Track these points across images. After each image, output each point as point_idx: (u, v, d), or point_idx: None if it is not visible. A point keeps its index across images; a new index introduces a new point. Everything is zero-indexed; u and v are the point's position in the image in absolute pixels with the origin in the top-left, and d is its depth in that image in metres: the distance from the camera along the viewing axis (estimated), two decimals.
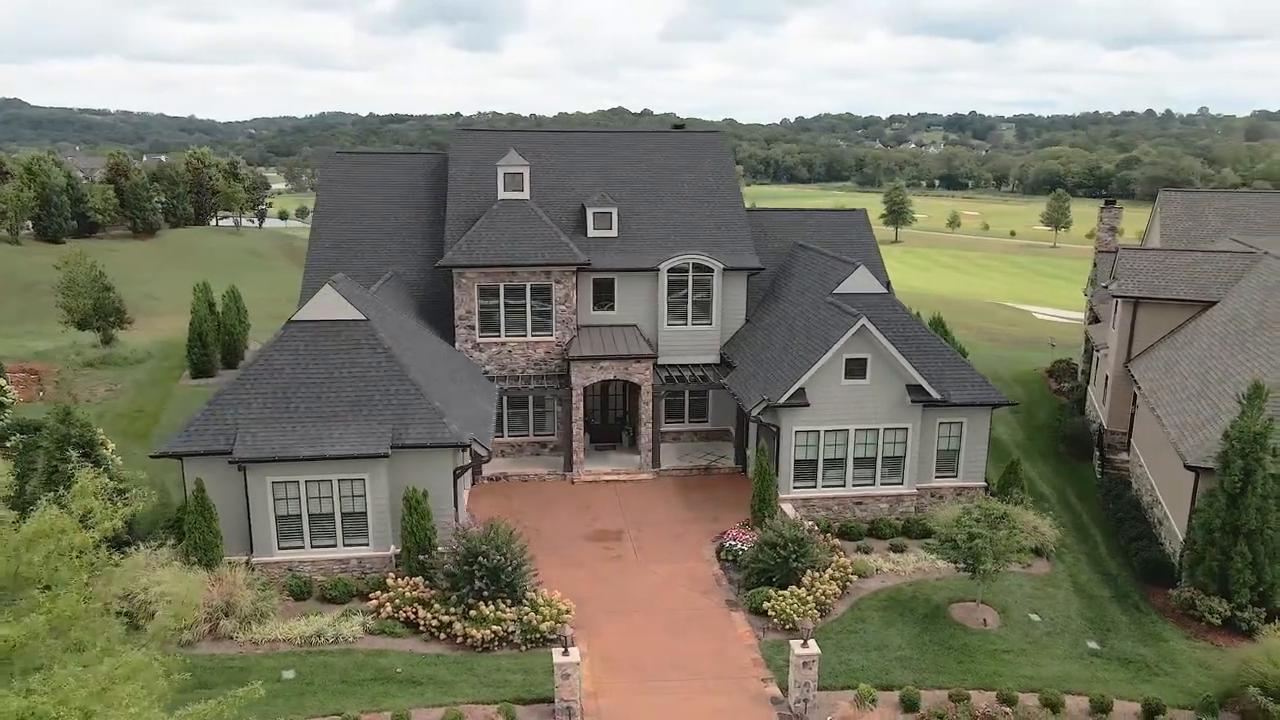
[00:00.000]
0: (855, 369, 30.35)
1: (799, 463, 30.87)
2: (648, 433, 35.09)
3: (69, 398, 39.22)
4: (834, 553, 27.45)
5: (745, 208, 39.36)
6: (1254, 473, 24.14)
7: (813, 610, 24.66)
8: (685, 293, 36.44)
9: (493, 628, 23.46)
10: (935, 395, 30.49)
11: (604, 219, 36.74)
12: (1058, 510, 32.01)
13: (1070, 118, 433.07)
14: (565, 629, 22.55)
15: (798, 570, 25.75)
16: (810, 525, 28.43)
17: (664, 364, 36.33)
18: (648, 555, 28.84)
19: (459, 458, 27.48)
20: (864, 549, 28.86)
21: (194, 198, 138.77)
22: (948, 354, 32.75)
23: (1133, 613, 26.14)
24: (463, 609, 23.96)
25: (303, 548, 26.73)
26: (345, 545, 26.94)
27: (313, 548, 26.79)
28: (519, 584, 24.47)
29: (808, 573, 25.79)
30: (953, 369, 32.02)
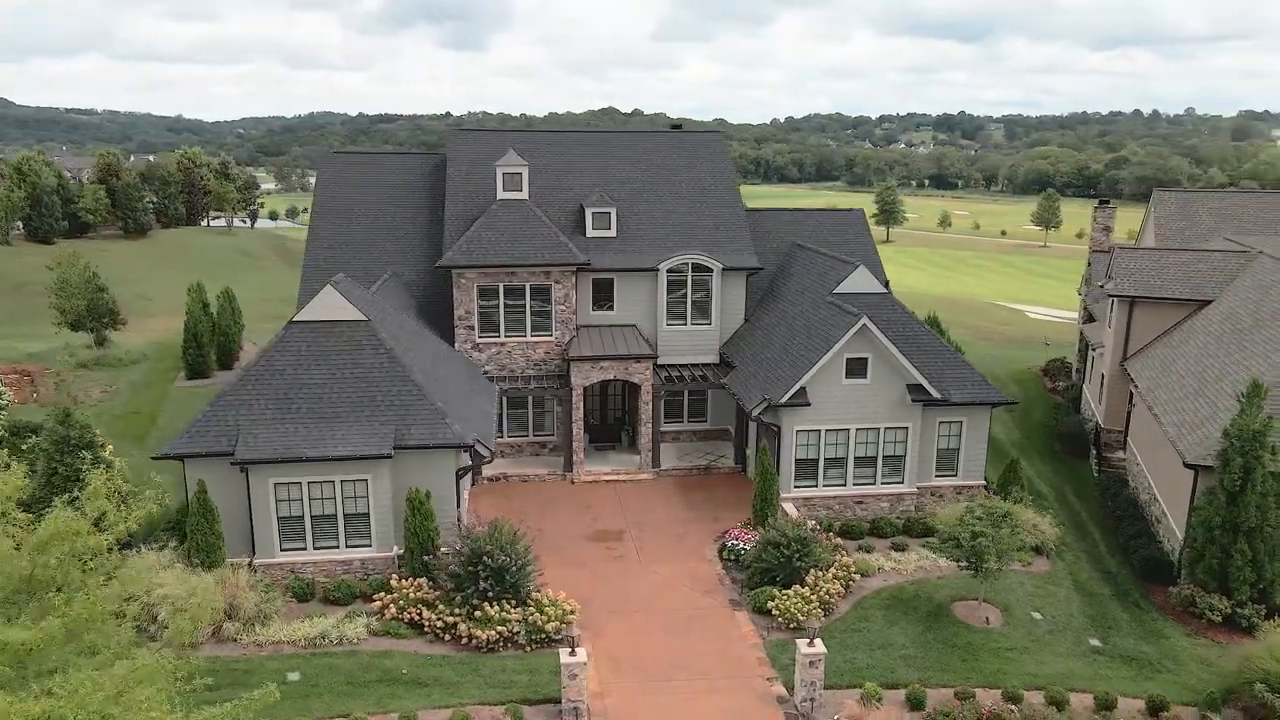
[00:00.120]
0: (856, 368, 30.42)
1: (800, 462, 30.93)
2: (647, 433, 35.11)
3: (68, 399, 39.00)
4: (836, 552, 27.50)
5: (744, 208, 39.42)
6: (1253, 470, 24.31)
7: (817, 609, 24.72)
8: (684, 293, 36.47)
9: (498, 628, 23.43)
10: (936, 394, 30.58)
11: (603, 219, 36.73)
12: (1056, 509, 32.15)
13: (1058, 118, 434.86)
14: (571, 629, 22.54)
15: (801, 569, 25.80)
16: (812, 524, 28.50)
17: (663, 364, 36.34)
18: (649, 555, 28.86)
19: (461, 458, 27.46)
20: (865, 548, 28.92)
21: (186, 198, 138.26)
22: (947, 353, 32.84)
23: (1133, 610, 26.29)
24: (467, 610, 23.92)
25: (305, 549, 26.62)
26: (348, 546, 26.84)
27: (315, 549, 26.68)
28: (523, 584, 24.44)
29: (811, 572, 25.84)
30: (952, 368, 32.11)
